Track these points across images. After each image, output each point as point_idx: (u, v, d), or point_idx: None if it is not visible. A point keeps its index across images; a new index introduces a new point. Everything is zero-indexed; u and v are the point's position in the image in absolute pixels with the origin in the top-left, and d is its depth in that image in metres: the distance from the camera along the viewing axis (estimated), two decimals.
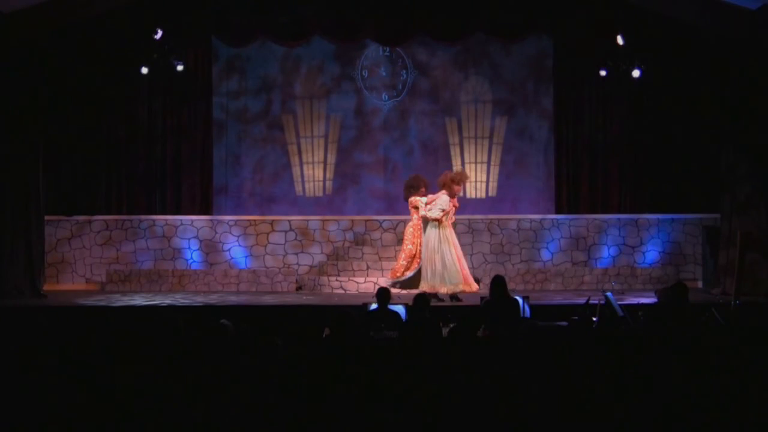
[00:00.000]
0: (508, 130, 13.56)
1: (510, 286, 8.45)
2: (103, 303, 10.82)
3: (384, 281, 11.10)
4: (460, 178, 10.70)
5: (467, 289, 10.45)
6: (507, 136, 13.56)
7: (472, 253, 12.78)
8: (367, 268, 12.51)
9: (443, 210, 10.42)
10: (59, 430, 4.03)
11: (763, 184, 11.49)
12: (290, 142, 13.57)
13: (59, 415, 4.08)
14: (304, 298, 11.40)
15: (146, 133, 13.30)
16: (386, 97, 13.58)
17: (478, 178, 13.44)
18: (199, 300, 11.14)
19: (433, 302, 9.51)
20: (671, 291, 7.48)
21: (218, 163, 13.47)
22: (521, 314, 8.06)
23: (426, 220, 10.57)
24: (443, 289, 10.40)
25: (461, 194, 10.78)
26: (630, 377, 4.48)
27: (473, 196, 13.49)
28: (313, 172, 13.56)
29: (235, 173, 13.53)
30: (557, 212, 13.35)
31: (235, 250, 13.07)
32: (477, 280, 11.71)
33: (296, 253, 13.07)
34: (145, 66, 12.24)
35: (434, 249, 10.42)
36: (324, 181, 13.57)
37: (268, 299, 11.36)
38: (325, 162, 13.55)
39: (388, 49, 13.52)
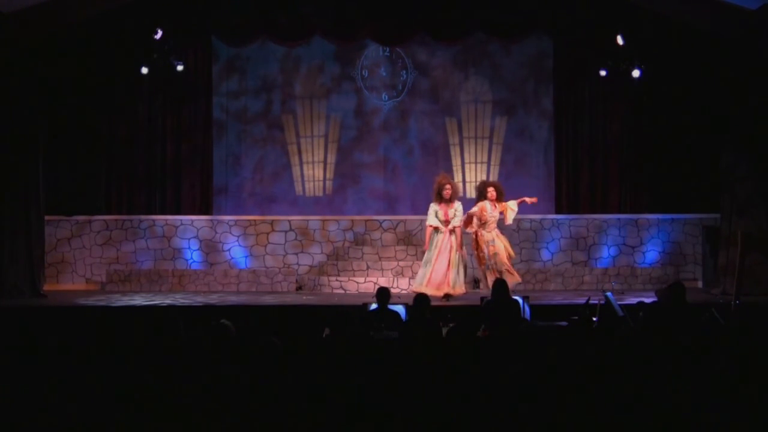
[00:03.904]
0: (508, 130, 13.57)
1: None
2: (103, 303, 10.82)
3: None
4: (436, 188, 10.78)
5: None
6: (507, 136, 13.56)
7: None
8: (367, 268, 12.51)
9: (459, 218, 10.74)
10: (59, 430, 4.03)
11: (763, 184, 11.48)
12: (290, 142, 13.57)
13: (59, 415, 4.08)
14: (304, 298, 11.40)
15: (146, 133, 13.31)
16: (386, 97, 13.58)
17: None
18: (199, 300, 11.14)
19: (434, 302, 9.49)
20: (668, 291, 7.47)
21: (218, 163, 13.47)
22: (521, 314, 8.07)
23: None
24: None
25: (451, 195, 10.72)
26: (629, 377, 4.49)
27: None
28: (313, 172, 13.56)
29: (235, 173, 13.54)
30: (557, 212, 13.35)
31: (235, 250, 13.07)
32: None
33: (296, 253, 13.07)
34: (145, 66, 12.27)
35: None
36: (324, 181, 13.58)
37: (268, 299, 11.36)
38: (325, 162, 13.56)
39: (388, 49, 13.52)
